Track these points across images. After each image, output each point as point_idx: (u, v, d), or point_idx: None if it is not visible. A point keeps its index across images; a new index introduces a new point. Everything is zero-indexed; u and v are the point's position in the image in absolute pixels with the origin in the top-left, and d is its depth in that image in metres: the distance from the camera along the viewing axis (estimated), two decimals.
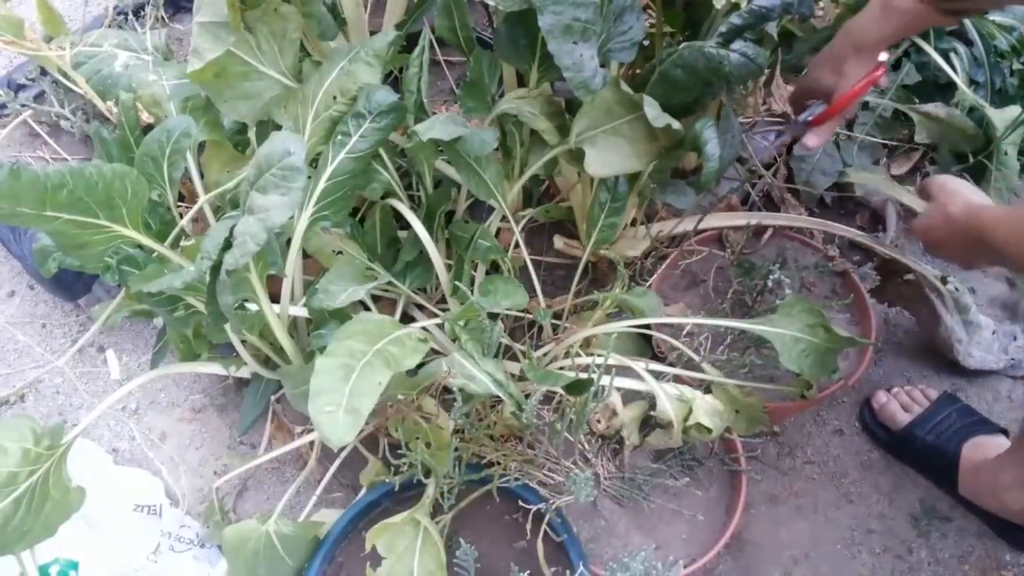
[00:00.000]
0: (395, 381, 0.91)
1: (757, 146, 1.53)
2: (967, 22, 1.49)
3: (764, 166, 1.50)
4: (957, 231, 1.01)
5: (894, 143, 1.51)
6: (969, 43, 1.48)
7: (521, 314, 1.25)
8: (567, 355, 1.17)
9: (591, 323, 1.19)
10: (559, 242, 1.43)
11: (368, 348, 0.90)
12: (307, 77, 1.10)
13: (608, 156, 1.07)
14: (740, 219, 1.35)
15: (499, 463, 1.07)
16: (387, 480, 1.07)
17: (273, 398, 1.32)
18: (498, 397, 0.95)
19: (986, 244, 0.96)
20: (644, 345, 1.29)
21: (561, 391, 1.02)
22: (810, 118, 1.10)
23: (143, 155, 1.14)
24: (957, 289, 1.25)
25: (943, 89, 1.47)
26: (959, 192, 1.03)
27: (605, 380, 0.97)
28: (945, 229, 1.03)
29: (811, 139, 1.11)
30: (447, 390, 0.98)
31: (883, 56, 1.05)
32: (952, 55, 1.47)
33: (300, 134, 1.07)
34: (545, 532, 1.03)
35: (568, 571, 1.01)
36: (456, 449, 1.01)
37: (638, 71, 1.22)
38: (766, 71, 1.37)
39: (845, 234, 1.30)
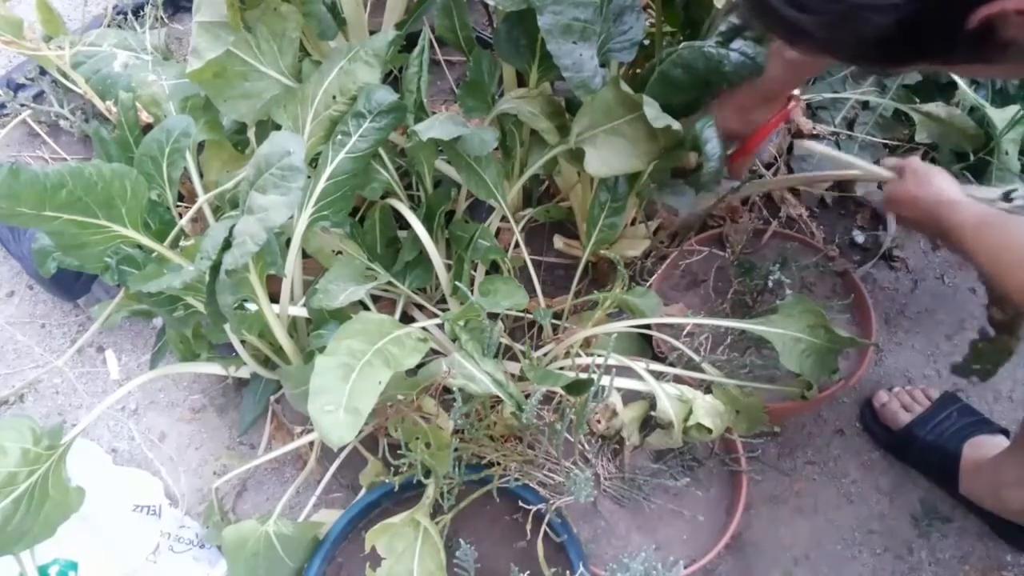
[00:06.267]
0: (395, 381, 0.91)
1: None
2: None
3: (764, 166, 1.50)
4: (921, 214, 1.06)
5: (895, 143, 1.51)
6: None
7: (521, 314, 1.25)
8: (567, 355, 1.17)
9: (591, 323, 1.19)
10: (559, 242, 1.43)
11: (368, 348, 0.90)
12: (307, 77, 1.10)
13: (608, 156, 1.07)
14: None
15: (499, 463, 1.06)
16: (387, 480, 1.07)
17: (273, 398, 1.32)
18: (498, 397, 0.95)
19: (949, 239, 1.01)
20: (644, 345, 1.29)
21: (561, 391, 1.02)
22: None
23: (142, 155, 1.14)
24: None
25: (944, 89, 1.47)
26: (930, 180, 1.06)
27: (605, 380, 0.97)
28: (909, 207, 1.08)
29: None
30: (447, 390, 0.98)
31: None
32: None
33: (300, 134, 1.07)
34: (545, 532, 1.03)
35: (568, 571, 1.01)
36: (456, 449, 1.01)
37: (638, 71, 1.22)
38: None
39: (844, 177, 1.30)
